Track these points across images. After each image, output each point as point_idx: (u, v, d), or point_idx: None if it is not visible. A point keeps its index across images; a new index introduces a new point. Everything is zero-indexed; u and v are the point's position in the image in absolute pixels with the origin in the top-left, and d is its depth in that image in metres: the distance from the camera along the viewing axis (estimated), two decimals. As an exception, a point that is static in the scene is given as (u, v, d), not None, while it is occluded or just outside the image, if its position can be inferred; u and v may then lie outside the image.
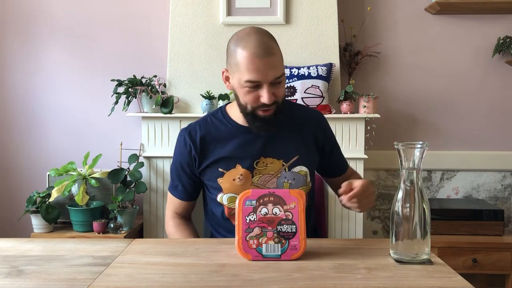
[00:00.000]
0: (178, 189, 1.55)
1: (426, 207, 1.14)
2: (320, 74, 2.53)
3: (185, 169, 1.52)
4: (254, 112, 1.39)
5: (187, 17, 2.65)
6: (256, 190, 1.20)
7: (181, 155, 1.51)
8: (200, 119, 1.55)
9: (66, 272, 1.10)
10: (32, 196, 2.46)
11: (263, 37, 1.35)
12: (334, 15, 2.64)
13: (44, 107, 2.86)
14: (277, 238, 1.18)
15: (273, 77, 1.34)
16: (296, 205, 1.18)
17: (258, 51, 1.32)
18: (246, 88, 1.35)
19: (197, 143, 1.48)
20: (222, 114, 1.52)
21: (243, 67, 1.33)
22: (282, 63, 1.39)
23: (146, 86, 2.61)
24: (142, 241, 1.37)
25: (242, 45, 1.34)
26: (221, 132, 1.49)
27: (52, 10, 2.83)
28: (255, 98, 1.36)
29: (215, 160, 1.47)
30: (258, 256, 1.17)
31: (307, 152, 1.51)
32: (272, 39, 1.38)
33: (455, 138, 2.86)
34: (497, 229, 2.49)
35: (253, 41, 1.33)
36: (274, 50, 1.35)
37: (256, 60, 1.31)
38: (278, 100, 1.39)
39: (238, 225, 1.18)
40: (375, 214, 2.89)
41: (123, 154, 2.59)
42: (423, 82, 2.84)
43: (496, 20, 2.80)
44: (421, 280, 1.05)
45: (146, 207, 2.61)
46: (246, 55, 1.32)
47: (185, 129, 1.52)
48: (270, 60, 1.33)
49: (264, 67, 1.32)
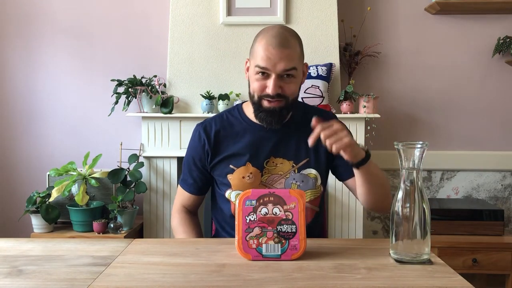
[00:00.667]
0: (188, 182, 1.56)
1: (426, 207, 1.14)
2: (320, 74, 2.53)
3: (197, 163, 1.53)
4: (260, 102, 1.41)
5: (187, 17, 2.65)
6: (256, 190, 1.20)
7: (194, 150, 1.54)
8: (216, 115, 1.58)
9: (66, 272, 1.10)
10: (32, 196, 2.46)
11: (284, 31, 1.39)
12: (334, 15, 2.64)
13: (44, 107, 2.86)
14: (277, 238, 1.18)
15: (281, 68, 1.35)
16: (296, 205, 1.18)
17: (273, 41, 1.35)
18: (256, 75, 1.38)
19: (211, 138, 1.51)
20: (238, 111, 1.55)
21: (257, 53, 1.38)
22: (297, 58, 1.39)
23: (146, 86, 2.60)
24: (142, 241, 1.37)
25: (262, 34, 1.40)
26: (235, 128, 1.51)
27: (53, 10, 2.83)
28: (262, 87, 1.39)
29: (227, 156, 1.49)
30: (258, 256, 1.17)
31: (318, 155, 1.50)
32: (295, 37, 1.41)
33: (455, 138, 2.86)
34: (497, 229, 2.49)
35: (272, 31, 1.38)
36: (290, 44, 1.37)
37: (269, 48, 1.35)
38: (285, 95, 1.40)
39: (238, 225, 1.18)
40: (375, 214, 2.89)
41: (123, 154, 2.59)
42: (423, 82, 2.84)
43: (496, 20, 2.80)
44: (421, 280, 1.05)
45: (146, 207, 2.61)
46: (262, 42, 1.37)
47: (200, 123, 1.55)
48: (283, 51, 1.35)
49: (275, 57, 1.35)
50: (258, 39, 1.40)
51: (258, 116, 1.44)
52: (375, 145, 2.71)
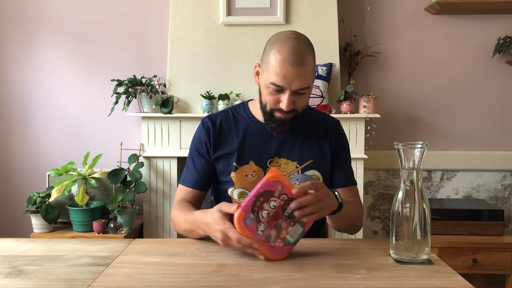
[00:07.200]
0: (191, 176, 1.51)
1: (426, 207, 1.14)
2: (320, 74, 2.53)
3: (202, 151, 1.51)
4: (272, 112, 1.41)
5: (187, 17, 2.65)
6: (244, 205, 1.14)
7: (199, 140, 1.52)
8: (222, 110, 1.58)
9: (66, 272, 1.10)
10: (32, 196, 2.46)
11: (300, 45, 1.35)
12: (334, 15, 2.64)
13: (44, 107, 2.86)
14: (292, 221, 1.17)
15: (297, 87, 1.34)
16: (281, 185, 1.16)
17: (290, 58, 1.32)
18: (270, 89, 1.37)
19: (216, 127, 1.51)
20: (244, 109, 1.55)
21: (272, 69, 1.34)
22: (312, 75, 1.38)
23: (146, 86, 2.61)
24: (142, 241, 1.37)
25: (277, 47, 1.35)
26: (239, 125, 1.52)
27: (52, 11, 2.83)
28: (276, 101, 1.38)
29: (231, 152, 1.48)
30: (291, 247, 1.18)
31: (322, 158, 1.51)
32: (309, 50, 1.38)
33: (455, 138, 2.86)
34: (497, 229, 2.49)
35: (289, 46, 1.34)
36: (306, 61, 1.34)
37: (286, 67, 1.32)
38: (297, 109, 1.39)
39: (259, 244, 1.14)
40: (375, 214, 2.89)
41: (123, 154, 2.59)
42: (423, 82, 2.84)
43: (496, 20, 2.80)
44: (421, 280, 1.05)
45: (146, 207, 2.61)
46: (278, 58, 1.33)
47: (206, 116, 1.56)
48: (300, 70, 1.33)
49: (291, 75, 1.32)
50: (273, 51, 1.35)
51: (269, 126, 1.44)
52: (375, 145, 2.71)
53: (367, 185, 2.86)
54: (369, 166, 2.74)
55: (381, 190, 2.88)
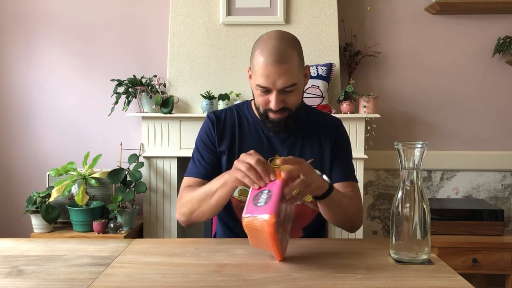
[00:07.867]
0: (197, 164, 1.50)
1: (426, 207, 1.14)
2: (320, 74, 2.53)
3: (207, 143, 1.52)
4: (266, 113, 1.42)
5: (187, 17, 2.65)
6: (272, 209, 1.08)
7: (205, 133, 1.53)
8: (227, 107, 1.60)
9: (66, 272, 1.10)
10: (32, 196, 2.46)
11: (282, 43, 1.34)
12: (334, 15, 2.64)
13: (44, 107, 2.86)
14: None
15: (282, 85, 1.34)
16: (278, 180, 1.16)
17: (270, 58, 1.32)
18: (258, 91, 1.38)
19: (221, 122, 1.52)
20: (247, 108, 1.56)
21: (257, 70, 1.36)
22: (297, 71, 1.37)
23: (146, 86, 2.61)
24: (142, 241, 1.37)
25: (259, 49, 1.36)
26: (242, 123, 1.53)
27: (52, 11, 2.83)
28: (266, 101, 1.39)
29: (232, 148, 1.49)
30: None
31: (322, 157, 1.51)
32: (292, 46, 1.36)
33: (455, 138, 2.86)
34: (497, 229, 2.49)
35: (270, 46, 1.34)
36: (288, 58, 1.33)
37: (268, 67, 1.32)
38: (288, 107, 1.40)
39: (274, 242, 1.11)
40: (375, 214, 2.89)
41: (123, 154, 2.59)
42: (423, 82, 2.84)
43: (496, 20, 2.80)
44: (421, 280, 1.05)
45: (146, 207, 2.61)
46: (260, 59, 1.34)
47: (212, 111, 1.58)
48: (282, 68, 1.32)
49: (274, 75, 1.32)
50: (256, 53, 1.36)
51: (265, 126, 1.45)
52: (375, 145, 2.71)
53: (367, 185, 2.86)
54: (369, 166, 2.74)
55: (381, 190, 2.88)
